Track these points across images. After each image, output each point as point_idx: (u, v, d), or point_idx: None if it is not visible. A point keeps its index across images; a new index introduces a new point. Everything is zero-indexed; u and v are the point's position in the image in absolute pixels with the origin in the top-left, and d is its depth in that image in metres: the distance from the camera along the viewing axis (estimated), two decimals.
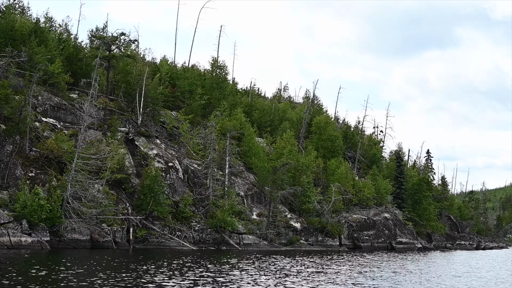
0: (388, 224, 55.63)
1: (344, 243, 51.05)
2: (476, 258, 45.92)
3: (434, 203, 75.03)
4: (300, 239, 46.30)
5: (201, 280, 19.72)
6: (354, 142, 73.66)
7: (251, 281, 20.05)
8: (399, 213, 60.22)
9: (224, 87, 58.46)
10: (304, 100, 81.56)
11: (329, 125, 64.20)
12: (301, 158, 52.04)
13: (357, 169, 70.47)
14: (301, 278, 21.95)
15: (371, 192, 57.50)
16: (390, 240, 54.46)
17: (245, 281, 19.94)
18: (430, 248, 59.70)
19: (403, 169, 66.18)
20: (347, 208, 55.72)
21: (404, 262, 34.54)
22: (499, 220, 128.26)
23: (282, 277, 22.09)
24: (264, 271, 23.79)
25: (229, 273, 22.34)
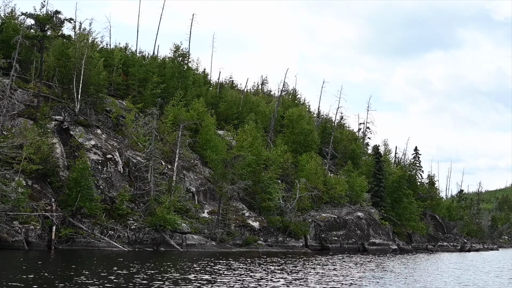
0: (360, 224, 51.51)
1: (311, 244, 46.98)
2: (444, 262, 41.81)
3: (418, 202, 70.96)
4: (258, 239, 42.25)
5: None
6: (334, 136, 69.54)
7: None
8: (374, 212, 56.10)
9: (186, 76, 54.44)
10: (285, 93, 77.47)
11: (302, 118, 60.09)
12: (265, 151, 47.96)
13: (333, 165, 66.41)
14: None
15: (343, 189, 53.39)
16: (363, 241, 50.33)
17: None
18: (407, 250, 55.54)
19: (382, 165, 62.01)
20: (317, 206, 51.67)
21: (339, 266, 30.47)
22: (493, 221, 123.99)
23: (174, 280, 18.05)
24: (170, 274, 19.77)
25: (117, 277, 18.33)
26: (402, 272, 27.71)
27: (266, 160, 50.97)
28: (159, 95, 49.23)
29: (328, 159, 61.54)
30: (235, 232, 40.48)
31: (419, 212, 68.53)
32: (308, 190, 48.49)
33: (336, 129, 69.16)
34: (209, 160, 43.58)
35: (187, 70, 54.70)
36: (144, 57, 56.08)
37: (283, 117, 62.59)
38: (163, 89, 49.43)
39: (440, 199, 79.21)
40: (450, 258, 45.28)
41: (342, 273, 25.05)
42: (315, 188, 50.82)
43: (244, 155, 40.85)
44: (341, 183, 53.21)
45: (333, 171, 60.92)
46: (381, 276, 24.90)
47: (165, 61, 54.92)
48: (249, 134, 47.60)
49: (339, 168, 68.00)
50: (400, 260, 38.29)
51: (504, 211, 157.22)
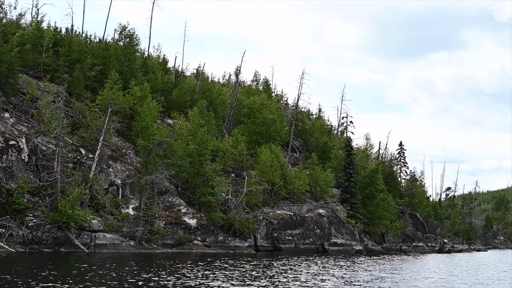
0: (321, 222, 46.28)
1: (261, 245, 41.84)
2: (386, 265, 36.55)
3: (396, 199, 65.69)
4: (195, 239, 37.12)
5: None
6: (303, 129, 64.45)
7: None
8: (340, 210, 50.87)
9: (132, 60, 49.36)
10: (254, 83, 72.36)
11: (264, 107, 54.95)
12: (213, 141, 42.79)
13: (305, 158, 61.24)
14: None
15: (304, 184, 48.18)
16: (322, 241, 45.09)
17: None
18: (375, 251, 50.26)
19: (353, 158, 56.73)
20: (274, 202, 46.51)
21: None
22: (487, 221, 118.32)
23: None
24: None
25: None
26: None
27: (216, 150, 45.94)
28: (95, 79, 44.27)
29: (289, 150, 56.43)
30: (164, 230, 35.34)
31: (396, 210, 63.28)
32: (259, 184, 43.32)
33: (304, 120, 64.06)
34: (139, 149, 38.48)
35: (133, 53, 49.55)
36: (78, 36, 50.90)
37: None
38: (100, 72, 44.42)
39: (423, 197, 73.71)
40: (412, 262, 40.01)
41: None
42: (269, 182, 45.69)
43: (169, 141, 35.68)
44: (301, 178, 47.99)
45: (302, 165, 55.63)
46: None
47: (107, 43, 49.86)
48: (192, 121, 42.44)
49: (307, 162, 62.89)
50: (337, 263, 33.09)
51: (501, 211, 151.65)
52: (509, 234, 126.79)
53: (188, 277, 20.43)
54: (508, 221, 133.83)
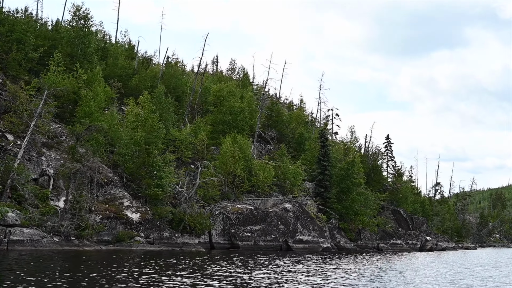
0: (286, 218, 42.72)
1: (217, 241, 38.33)
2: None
3: (377, 194, 62.14)
4: (137, 235, 33.61)
5: None
6: (278, 119, 60.87)
7: None
8: (310, 204, 47.34)
9: (87, 43, 45.84)
10: (230, 72, 68.69)
11: (231, 95, 51.36)
12: (163, 129, 39.23)
13: (270, 150, 57.71)
14: None
15: (269, 176, 44.61)
16: (286, 237, 41.55)
17: None
18: (348, 249, 46.69)
19: (328, 150, 53.14)
20: (236, 196, 42.97)
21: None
22: (482, 218, 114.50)
23: None
24: None
25: None
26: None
27: (172, 140, 42.51)
28: (41, 61, 40.82)
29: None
30: (100, 225, 31.82)
31: (376, 205, 59.76)
32: (215, 176, 39.77)
33: (279, 109, 60.49)
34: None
35: (87, 35, 45.99)
36: (29, 18, 47.37)
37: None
38: (48, 54, 40.97)
39: (408, 192, 70.00)
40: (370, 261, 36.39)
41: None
42: (231, 174, 42.16)
43: (100, 125, 32.13)
44: (266, 170, 44.40)
45: (266, 156, 52.04)
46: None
47: (58, 24, 46.37)
48: (143, 107, 38.89)
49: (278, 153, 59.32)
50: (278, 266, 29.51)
51: (497, 208, 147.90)
52: (506, 232, 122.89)
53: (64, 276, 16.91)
54: (504, 218, 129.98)
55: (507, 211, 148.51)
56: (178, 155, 42.55)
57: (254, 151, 54.11)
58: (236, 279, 19.49)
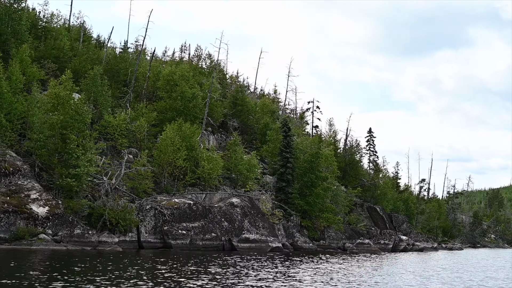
0: (232, 214, 38.13)
1: (147, 240, 33.79)
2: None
3: (349, 190, 57.58)
4: (42, 232, 29.08)
5: None
6: (243, 108, 56.29)
7: None
8: (265, 199, 42.77)
9: (17, 20, 41.42)
10: (196, 58, 64.01)
11: (184, 79, 46.78)
12: (88, 112, 34.64)
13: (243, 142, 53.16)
14: None
15: (216, 168, 40.00)
16: (231, 236, 36.95)
17: None
18: (305, 249, 42.05)
19: (291, 140, 48.51)
20: (177, 189, 38.41)
21: None
22: (475, 217, 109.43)
23: None
24: None
25: None
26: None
27: (104, 126, 38.05)
28: None
29: (203, 128, 48.14)
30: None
31: (348, 202, 55.16)
32: (143, 165, 35.21)
33: (244, 98, 55.87)
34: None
35: (17, 11, 41.53)
36: None
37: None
38: None
39: (387, 189, 65.23)
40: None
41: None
42: (170, 165, 37.63)
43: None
44: (212, 161, 39.79)
45: (213, 146, 47.32)
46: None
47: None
48: (63, 88, 34.32)
49: (248, 146, 54.76)
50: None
51: (493, 207, 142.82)
52: (501, 232, 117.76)
53: None
54: (500, 218, 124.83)
55: (503, 211, 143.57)
56: (112, 143, 38.06)
57: (212, 142, 49.68)
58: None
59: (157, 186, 38.38)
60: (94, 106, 39.71)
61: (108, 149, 38.20)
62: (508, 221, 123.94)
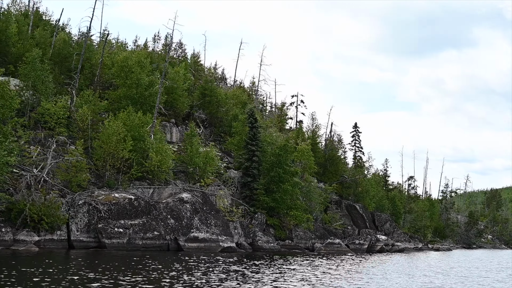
0: (180, 210, 34.54)
1: (78, 239, 30.24)
2: None
3: (326, 186, 53.95)
4: None
5: None
6: (212, 100, 52.75)
7: None
8: (223, 195, 39.18)
9: None
10: (164, 46, 60.39)
11: (140, 65, 43.26)
12: (14, 98, 31.14)
13: (210, 135, 49.66)
14: None
15: (166, 160, 36.41)
16: (177, 234, 33.36)
17: None
18: (264, 250, 38.39)
19: (258, 132, 44.91)
20: (121, 183, 34.86)
21: None
22: (471, 217, 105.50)
23: None
24: None
25: None
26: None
27: (41, 114, 34.59)
28: None
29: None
30: None
31: (323, 199, 51.55)
32: (72, 155, 31.67)
33: (212, 88, 52.30)
34: None
35: None
36: None
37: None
38: None
39: (369, 186, 61.53)
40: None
41: None
42: (113, 156, 34.08)
43: None
44: (161, 152, 36.19)
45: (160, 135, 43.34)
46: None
47: None
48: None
49: (216, 139, 51.29)
50: None
51: (490, 207, 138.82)
52: (498, 233, 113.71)
53: None
54: (498, 218, 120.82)
55: (501, 211, 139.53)
56: (48, 132, 34.59)
57: (175, 134, 46.22)
58: None
59: (99, 179, 34.89)
60: (33, 92, 36.28)
61: (45, 138, 34.73)
62: (506, 221, 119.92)
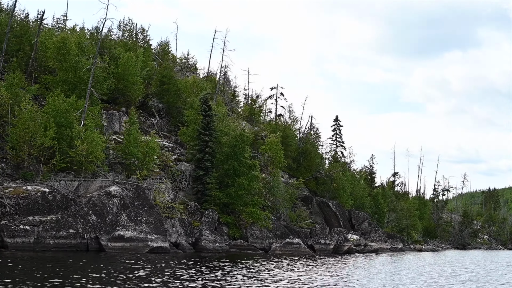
0: (105, 205, 30.47)
1: None
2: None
3: (294, 181, 49.86)
4: None
5: None
6: (170, 88, 48.66)
7: None
8: (163, 189, 35.07)
9: None
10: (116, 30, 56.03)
11: (79, 47, 39.21)
12: None
13: (152, 124, 45.55)
14: None
15: (94, 149, 32.29)
16: (99, 233, 29.29)
17: None
18: (209, 251, 34.24)
19: (211, 121, 40.83)
20: (43, 175, 30.81)
21: None
22: (465, 217, 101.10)
23: None
24: None
25: None
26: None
27: None
28: None
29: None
30: None
31: (290, 195, 47.40)
32: None
33: (170, 75, 48.20)
34: None
35: None
36: None
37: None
38: None
39: (346, 182, 57.29)
40: None
41: None
42: (30, 145, 30.03)
43: None
44: (88, 139, 32.06)
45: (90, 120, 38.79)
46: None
47: None
48: None
49: (172, 129, 47.25)
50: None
51: (487, 206, 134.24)
52: (495, 233, 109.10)
53: None
54: (494, 218, 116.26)
55: (500, 210, 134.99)
56: None
57: (120, 123, 42.13)
58: None
59: (17, 171, 30.88)
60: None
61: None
62: (503, 221, 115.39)
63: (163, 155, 40.06)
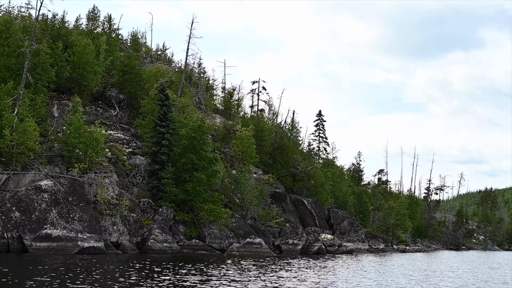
0: (32, 201, 27.38)
1: None
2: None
3: (264, 178, 46.85)
4: None
5: None
6: (132, 78, 45.59)
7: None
8: (107, 184, 31.93)
9: None
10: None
11: (25, 31, 36.13)
12: None
13: (111, 116, 42.47)
14: None
15: (26, 140, 29.19)
16: (23, 232, 26.17)
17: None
18: (156, 251, 31.07)
19: (169, 111, 37.73)
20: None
21: None
22: (459, 216, 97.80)
23: None
24: None
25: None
26: None
27: None
28: None
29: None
30: None
31: (259, 191, 44.21)
32: None
33: (132, 64, 45.16)
34: None
35: None
36: None
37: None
38: None
39: (325, 179, 54.09)
40: None
41: None
42: None
43: None
44: (19, 129, 28.95)
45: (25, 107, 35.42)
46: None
47: None
48: None
49: (130, 121, 44.14)
50: None
51: (483, 206, 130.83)
52: (491, 233, 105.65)
53: None
54: (491, 218, 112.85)
55: (497, 210, 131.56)
56: None
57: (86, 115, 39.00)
58: None
59: None
60: None
61: None
62: (500, 220, 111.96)
63: (115, 147, 36.96)
